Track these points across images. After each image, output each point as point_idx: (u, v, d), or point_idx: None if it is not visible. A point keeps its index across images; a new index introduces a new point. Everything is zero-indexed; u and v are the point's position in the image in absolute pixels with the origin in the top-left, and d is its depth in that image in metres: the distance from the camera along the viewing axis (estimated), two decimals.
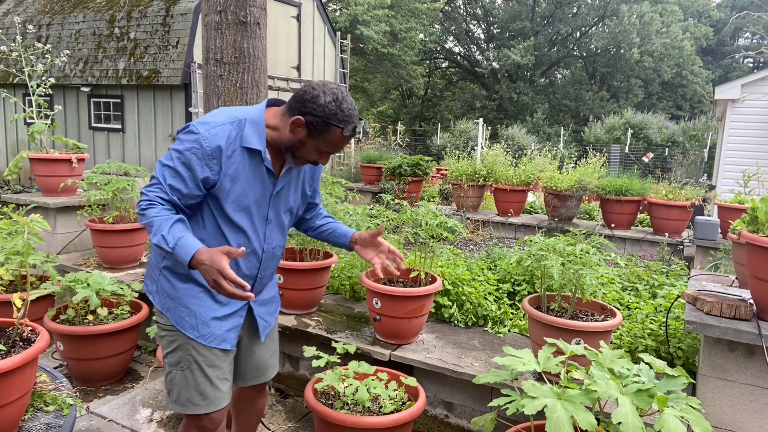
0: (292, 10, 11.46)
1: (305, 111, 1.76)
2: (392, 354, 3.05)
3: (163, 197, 1.78)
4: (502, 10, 33.96)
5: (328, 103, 1.75)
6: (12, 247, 2.71)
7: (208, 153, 1.77)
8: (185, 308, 1.92)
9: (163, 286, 1.94)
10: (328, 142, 1.80)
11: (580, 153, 18.47)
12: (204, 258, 1.65)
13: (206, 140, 1.77)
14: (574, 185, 7.13)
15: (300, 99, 1.77)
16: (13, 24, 11.50)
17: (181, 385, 1.93)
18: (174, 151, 1.80)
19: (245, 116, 1.84)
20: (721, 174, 10.25)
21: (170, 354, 1.95)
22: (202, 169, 1.78)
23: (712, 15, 33.26)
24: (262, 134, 1.84)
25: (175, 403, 1.96)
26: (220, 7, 3.93)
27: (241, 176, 1.84)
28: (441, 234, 3.35)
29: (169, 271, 1.93)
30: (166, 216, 1.73)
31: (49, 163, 4.70)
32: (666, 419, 1.67)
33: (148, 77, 9.64)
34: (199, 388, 1.93)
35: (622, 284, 4.06)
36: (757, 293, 2.20)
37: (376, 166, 9.84)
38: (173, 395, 1.96)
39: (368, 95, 31.77)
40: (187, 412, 1.94)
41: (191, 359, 1.92)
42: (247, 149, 1.82)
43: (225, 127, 1.80)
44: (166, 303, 1.94)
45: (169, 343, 1.95)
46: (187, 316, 1.91)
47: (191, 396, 1.93)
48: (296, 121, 1.77)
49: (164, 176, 1.78)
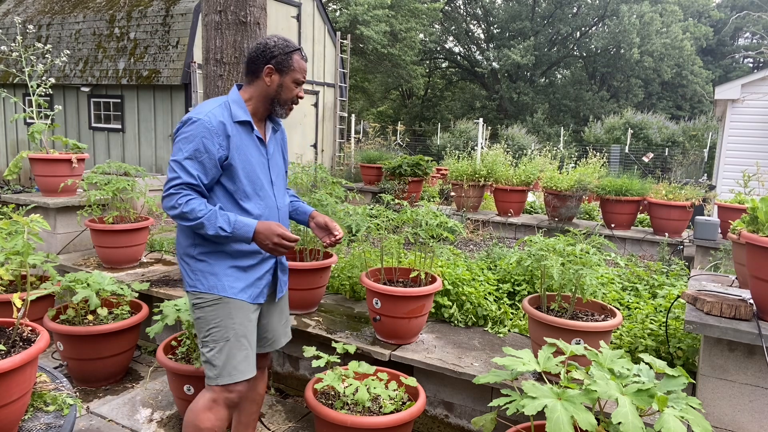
0: (292, 10, 11.46)
1: (268, 59, 2.09)
2: (392, 354, 3.05)
3: (191, 189, 2.01)
4: (502, 10, 33.94)
5: (276, 42, 2.10)
6: (12, 247, 2.71)
7: (215, 131, 2.01)
8: (228, 277, 2.10)
9: (202, 269, 2.11)
10: (296, 69, 2.12)
11: (580, 153, 18.47)
12: (262, 229, 2.02)
13: (209, 122, 2.01)
14: (574, 185, 7.13)
15: (255, 57, 2.10)
16: (13, 24, 11.50)
17: (228, 354, 2.09)
18: (184, 143, 2.01)
19: (226, 99, 2.12)
20: (721, 174, 10.24)
21: (214, 329, 2.10)
22: (216, 148, 2.01)
23: (712, 15, 33.24)
24: (246, 109, 2.13)
25: (220, 377, 2.09)
26: (220, 7, 3.93)
27: (241, 148, 2.09)
28: (441, 234, 3.35)
29: (203, 254, 2.11)
30: (207, 209, 1.99)
31: (49, 163, 4.70)
32: (666, 419, 1.67)
33: (148, 77, 9.64)
34: (243, 352, 2.12)
35: (622, 284, 4.06)
36: (757, 293, 2.20)
37: (376, 166, 9.83)
38: (216, 370, 2.09)
39: (368, 95, 31.77)
40: (234, 380, 2.10)
41: (234, 329, 2.10)
42: (239, 123, 2.09)
43: (217, 109, 2.06)
44: (209, 281, 2.10)
45: (212, 318, 2.10)
46: (231, 281, 2.10)
47: (237, 363, 2.10)
48: (267, 71, 2.09)
49: (185, 168, 2.00)
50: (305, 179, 4.21)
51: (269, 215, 2.19)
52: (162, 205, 2.04)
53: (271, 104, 2.17)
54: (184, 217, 1.98)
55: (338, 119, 13.38)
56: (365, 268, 3.56)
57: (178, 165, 2.01)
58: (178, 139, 2.04)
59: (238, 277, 2.13)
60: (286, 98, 2.16)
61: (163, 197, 2.02)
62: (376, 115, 32.49)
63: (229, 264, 2.12)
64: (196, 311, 2.15)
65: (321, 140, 12.82)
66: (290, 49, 2.10)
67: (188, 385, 2.84)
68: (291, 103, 2.19)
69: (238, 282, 2.13)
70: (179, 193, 1.99)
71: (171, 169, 2.02)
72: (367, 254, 3.82)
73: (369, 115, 32.26)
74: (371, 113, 32.68)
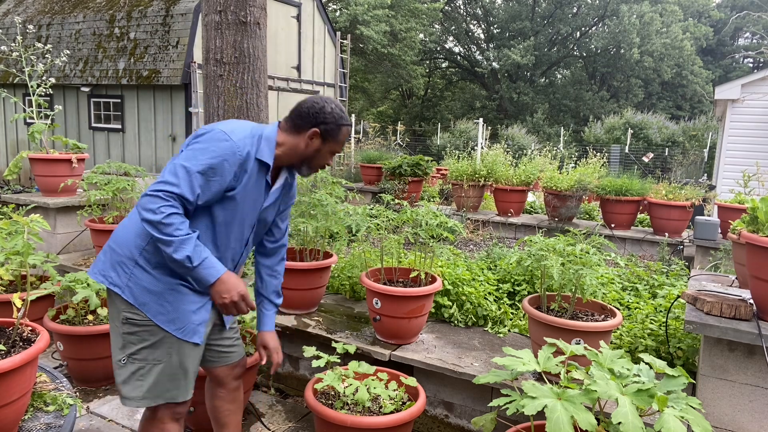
0: (292, 10, 11.46)
1: (318, 122, 2.00)
2: (392, 354, 3.05)
3: (182, 204, 1.84)
4: (502, 10, 33.94)
5: (333, 110, 2.02)
6: (12, 247, 2.71)
7: (239, 161, 1.91)
8: (165, 302, 1.93)
9: (140, 281, 1.92)
10: (339, 141, 2.06)
11: (580, 153, 18.46)
12: (229, 282, 1.92)
13: (239, 149, 1.90)
14: (574, 185, 7.13)
15: (308, 114, 2.00)
16: (13, 24, 11.50)
17: (157, 378, 1.96)
18: (203, 154, 1.86)
19: (261, 132, 2.01)
20: (721, 174, 10.24)
21: (146, 349, 1.94)
22: (230, 177, 1.90)
23: (712, 15, 33.23)
24: (273, 151, 2.02)
25: (145, 399, 1.96)
26: (220, 7, 3.93)
27: (248, 186, 1.98)
28: (441, 234, 3.35)
29: (149, 264, 1.93)
30: (185, 232, 1.82)
31: (49, 163, 4.70)
32: (666, 419, 1.67)
33: (148, 77, 9.64)
34: (174, 380, 1.99)
35: (622, 284, 4.06)
36: (757, 293, 2.20)
37: (376, 166, 9.83)
38: (142, 390, 1.95)
39: (368, 95, 31.77)
40: (160, 402, 1.99)
41: (171, 353, 1.96)
42: (259, 161, 1.98)
43: (249, 139, 1.95)
44: (143, 297, 1.92)
45: (144, 339, 1.94)
46: (165, 310, 1.93)
47: (165, 388, 1.98)
48: (312, 134, 2.00)
49: (190, 180, 1.83)
50: (305, 179, 4.21)
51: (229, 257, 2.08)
52: (139, 201, 1.82)
53: (300, 162, 2.08)
54: (156, 226, 1.78)
55: None
56: (365, 268, 3.56)
57: (184, 172, 1.82)
58: (196, 146, 1.88)
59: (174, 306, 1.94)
60: (318, 164, 2.10)
61: (146, 194, 1.80)
62: (376, 115, 32.49)
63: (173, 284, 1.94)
64: (127, 326, 1.93)
65: None
66: (343, 122, 2.03)
67: None
68: (319, 168, 2.13)
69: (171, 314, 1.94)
70: (168, 201, 1.79)
71: (172, 173, 1.82)
72: (367, 254, 3.82)
73: (369, 115, 32.26)
74: (371, 113, 32.68)
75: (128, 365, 1.95)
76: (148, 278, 1.93)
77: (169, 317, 1.94)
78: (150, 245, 1.93)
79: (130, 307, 1.93)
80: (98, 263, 2.01)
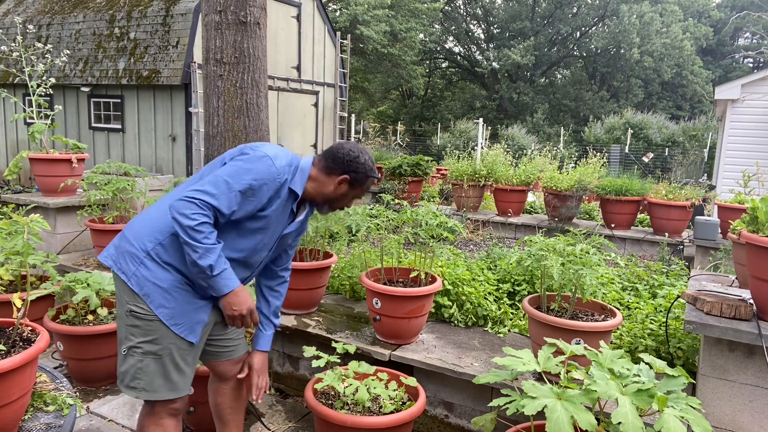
0: (292, 10, 11.46)
1: (350, 170, 2.11)
2: (392, 354, 3.05)
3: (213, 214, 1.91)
4: (502, 10, 33.93)
5: (365, 162, 2.13)
6: (12, 247, 2.71)
7: (277, 187, 2.01)
8: (170, 297, 1.98)
9: (148, 273, 1.97)
10: (364, 190, 2.19)
11: (580, 153, 18.47)
12: (241, 295, 2.00)
13: (280, 176, 2.00)
14: (574, 185, 7.13)
15: (342, 160, 2.10)
16: (13, 24, 11.50)
17: (153, 373, 2.00)
18: (246, 174, 1.94)
19: (298, 163, 2.12)
20: (721, 174, 10.24)
21: (146, 343, 1.98)
22: (265, 200, 1.99)
23: (712, 15, 33.23)
24: (304, 182, 2.11)
25: (143, 390, 2.00)
26: (220, 7, 3.93)
27: (276, 214, 2.07)
28: (441, 234, 3.35)
29: (159, 258, 1.98)
30: (213, 242, 1.90)
31: (49, 163, 4.70)
32: (666, 419, 1.67)
33: (148, 77, 9.64)
34: (169, 376, 2.02)
35: (622, 284, 4.06)
36: (757, 293, 2.20)
37: (376, 167, 9.83)
38: (141, 382, 1.99)
39: (368, 95, 31.76)
40: (156, 398, 2.02)
41: (169, 350, 2.00)
42: (290, 190, 2.07)
43: (287, 167, 2.05)
44: (148, 288, 1.96)
45: (147, 332, 1.98)
46: (168, 305, 1.98)
47: (161, 384, 2.01)
48: (343, 180, 2.11)
49: (229, 198, 1.91)
50: None
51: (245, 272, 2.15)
52: (174, 204, 1.88)
53: (323, 201, 2.18)
54: (187, 230, 1.85)
55: (338, 119, 13.38)
56: (365, 268, 3.56)
57: (226, 187, 1.90)
58: (241, 164, 1.95)
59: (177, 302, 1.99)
60: (339, 206, 2.22)
61: (183, 198, 1.87)
62: (376, 115, 32.49)
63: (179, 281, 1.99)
64: (130, 318, 1.98)
65: (321, 140, 12.82)
66: (372, 174, 2.15)
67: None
68: (339, 209, 2.25)
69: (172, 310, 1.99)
70: (203, 210, 1.86)
71: (213, 184, 1.90)
72: (367, 254, 3.82)
73: (369, 115, 32.26)
74: (371, 113, 32.68)
75: (128, 357, 2.00)
76: (157, 272, 1.97)
77: (170, 312, 1.98)
78: (167, 241, 1.98)
79: (134, 298, 1.97)
80: (110, 248, 2.07)
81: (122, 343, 2.02)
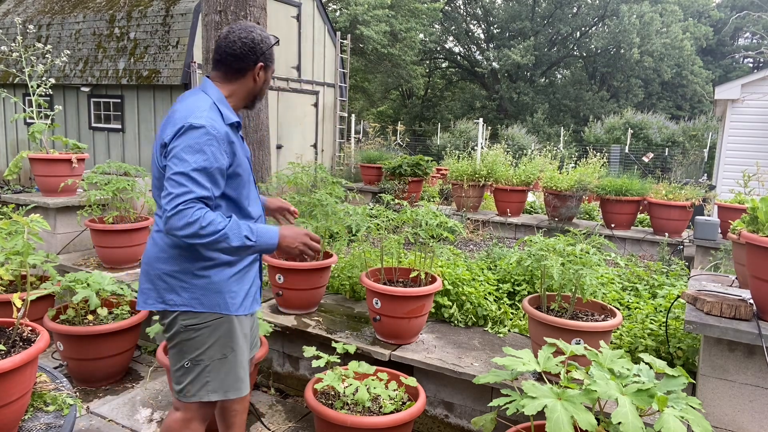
0: (292, 10, 11.46)
1: (258, 55, 1.97)
2: (392, 354, 3.05)
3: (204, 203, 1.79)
4: (502, 10, 33.93)
5: (260, 35, 1.99)
6: (12, 247, 2.71)
7: (221, 138, 1.85)
8: (231, 291, 1.98)
9: (204, 285, 1.94)
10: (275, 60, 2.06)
11: (580, 153, 18.46)
12: (287, 233, 1.92)
13: (213, 128, 1.83)
14: (574, 185, 7.13)
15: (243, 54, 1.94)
16: (13, 24, 11.50)
17: (222, 372, 2.00)
18: (189, 153, 1.78)
19: (211, 99, 1.94)
20: (721, 174, 10.24)
21: (209, 348, 1.97)
22: (224, 157, 1.86)
23: (712, 15, 33.22)
24: (231, 108, 1.98)
25: (214, 393, 2.00)
26: (220, 7, 3.93)
27: (239, 152, 1.95)
28: (441, 234, 3.35)
29: (206, 269, 1.94)
30: (226, 220, 1.80)
31: (49, 163, 4.70)
32: (666, 419, 1.67)
33: (148, 77, 9.64)
34: (242, 371, 2.05)
35: (622, 284, 4.06)
36: (757, 293, 2.20)
37: (376, 166, 9.83)
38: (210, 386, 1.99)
39: (368, 95, 31.74)
40: (230, 397, 2.03)
41: (234, 344, 2.01)
42: (231, 125, 1.93)
43: (213, 113, 1.88)
44: (210, 299, 1.95)
45: (208, 337, 1.97)
46: (232, 298, 1.99)
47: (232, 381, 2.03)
48: (259, 68, 1.99)
49: (196, 180, 1.77)
50: (305, 179, 4.21)
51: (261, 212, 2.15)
52: (168, 225, 1.75)
53: (253, 100, 2.09)
54: (200, 234, 1.73)
55: (338, 119, 13.38)
56: (365, 268, 3.56)
57: (185, 177, 1.75)
58: (178, 148, 1.80)
59: (237, 291, 2.01)
60: (265, 92, 2.10)
61: (170, 216, 1.74)
62: (376, 115, 32.48)
63: (231, 273, 1.98)
64: (187, 332, 1.96)
65: (321, 140, 12.82)
66: (273, 42, 2.02)
67: None
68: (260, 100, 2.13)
69: (237, 297, 2.01)
70: (192, 207, 1.73)
71: (176, 183, 1.74)
72: (367, 254, 3.82)
73: (369, 115, 32.25)
74: (371, 113, 32.67)
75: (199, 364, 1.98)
76: (209, 281, 1.95)
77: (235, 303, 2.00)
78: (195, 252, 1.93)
79: (192, 314, 1.96)
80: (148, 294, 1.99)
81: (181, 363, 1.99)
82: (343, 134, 13.68)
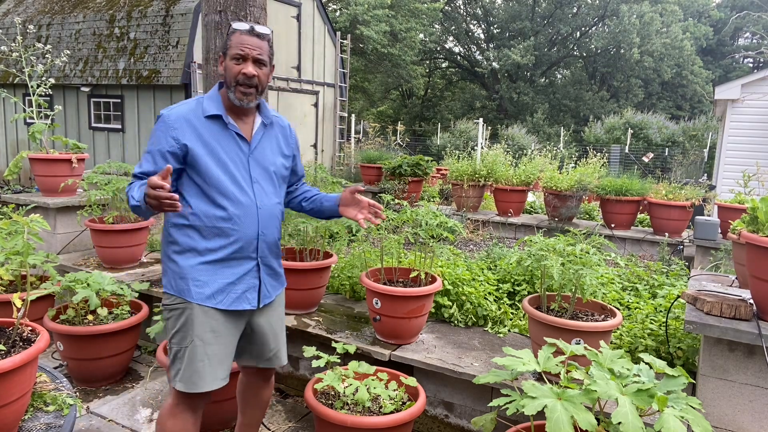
0: (292, 10, 11.46)
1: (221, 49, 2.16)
2: (392, 354, 3.05)
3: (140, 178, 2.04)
4: (502, 10, 33.93)
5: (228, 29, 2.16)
6: (12, 247, 2.71)
7: (171, 126, 2.04)
8: (197, 280, 2.05)
9: (173, 270, 2.09)
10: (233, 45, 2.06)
11: (580, 153, 18.45)
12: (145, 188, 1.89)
13: (167, 117, 2.06)
14: (574, 185, 7.13)
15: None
16: (13, 24, 11.50)
17: (188, 362, 2.04)
18: (150, 137, 2.09)
19: (204, 96, 2.17)
20: (721, 174, 10.24)
21: (177, 333, 2.07)
22: (167, 141, 2.02)
23: (712, 15, 33.22)
24: (220, 104, 2.12)
25: (179, 382, 2.05)
26: (220, 7, 3.93)
27: (210, 143, 2.06)
28: (441, 234, 3.35)
29: (176, 254, 2.09)
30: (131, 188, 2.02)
31: (49, 163, 4.70)
32: (666, 419, 1.67)
33: (148, 77, 9.64)
34: (200, 364, 2.04)
35: (622, 284, 4.06)
36: (757, 293, 2.20)
37: (376, 166, 9.83)
38: (176, 374, 2.06)
39: (368, 95, 31.74)
40: (189, 390, 2.04)
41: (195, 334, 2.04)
42: (211, 117, 2.08)
43: (187, 104, 2.11)
44: (177, 284, 2.08)
45: (175, 321, 2.08)
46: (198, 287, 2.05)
47: (192, 374, 2.04)
48: (220, 60, 2.12)
49: (141, 162, 2.08)
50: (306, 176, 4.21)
51: (245, 214, 2.06)
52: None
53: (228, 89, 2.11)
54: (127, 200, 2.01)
55: (338, 119, 13.38)
56: (365, 268, 3.56)
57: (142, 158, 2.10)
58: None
59: (206, 281, 2.04)
60: (230, 80, 2.06)
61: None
62: (376, 115, 32.48)
63: (197, 261, 2.05)
64: (166, 313, 2.13)
65: (321, 140, 12.82)
66: (232, 30, 2.09)
67: None
68: (236, 84, 2.04)
69: (205, 287, 2.04)
70: (131, 182, 2.05)
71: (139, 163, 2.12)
72: (367, 254, 3.82)
73: (369, 115, 32.25)
74: (371, 113, 32.67)
75: (171, 349, 2.10)
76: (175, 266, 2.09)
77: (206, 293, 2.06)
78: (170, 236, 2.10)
79: (167, 296, 2.12)
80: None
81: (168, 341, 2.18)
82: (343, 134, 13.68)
